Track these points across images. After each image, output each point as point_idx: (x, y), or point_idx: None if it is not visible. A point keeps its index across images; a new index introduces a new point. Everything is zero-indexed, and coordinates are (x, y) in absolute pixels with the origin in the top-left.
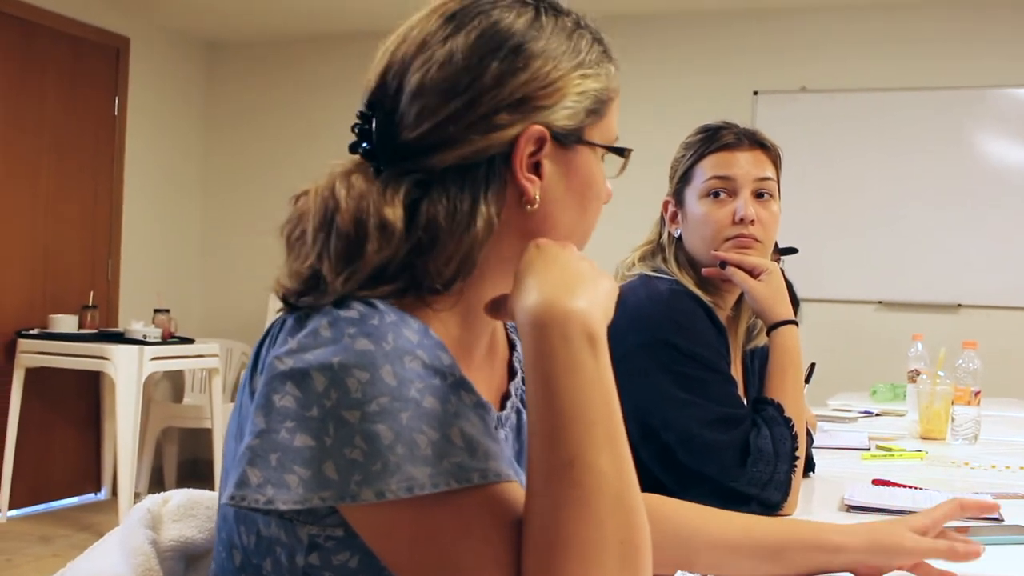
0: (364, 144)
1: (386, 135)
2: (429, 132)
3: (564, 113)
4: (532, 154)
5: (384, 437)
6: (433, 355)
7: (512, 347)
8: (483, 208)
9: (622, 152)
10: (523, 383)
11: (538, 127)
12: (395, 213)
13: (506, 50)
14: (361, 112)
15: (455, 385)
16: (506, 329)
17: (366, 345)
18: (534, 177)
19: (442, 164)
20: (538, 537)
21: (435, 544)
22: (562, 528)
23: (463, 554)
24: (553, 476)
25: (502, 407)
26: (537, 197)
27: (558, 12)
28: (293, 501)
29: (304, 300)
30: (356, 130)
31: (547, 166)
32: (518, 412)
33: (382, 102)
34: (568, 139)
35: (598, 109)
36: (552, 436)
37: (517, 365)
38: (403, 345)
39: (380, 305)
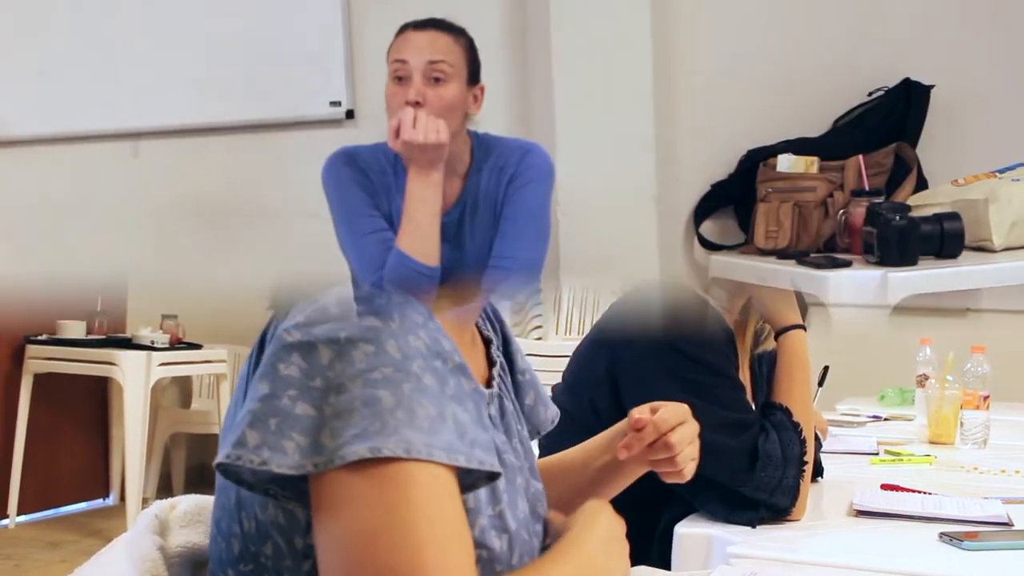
0: None
1: None
2: None
3: None
4: None
5: (385, 401)
6: (434, 339)
7: (487, 343)
8: None
9: None
10: (503, 371)
11: None
12: None
13: None
14: None
15: (454, 370)
16: (479, 327)
17: (373, 322)
18: None
19: None
20: None
21: (408, 512)
22: None
23: (432, 530)
24: None
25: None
26: None
27: None
28: (288, 466)
29: None
30: None
31: None
32: (499, 399)
33: None
34: None
35: None
36: None
37: (496, 354)
38: (409, 325)
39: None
